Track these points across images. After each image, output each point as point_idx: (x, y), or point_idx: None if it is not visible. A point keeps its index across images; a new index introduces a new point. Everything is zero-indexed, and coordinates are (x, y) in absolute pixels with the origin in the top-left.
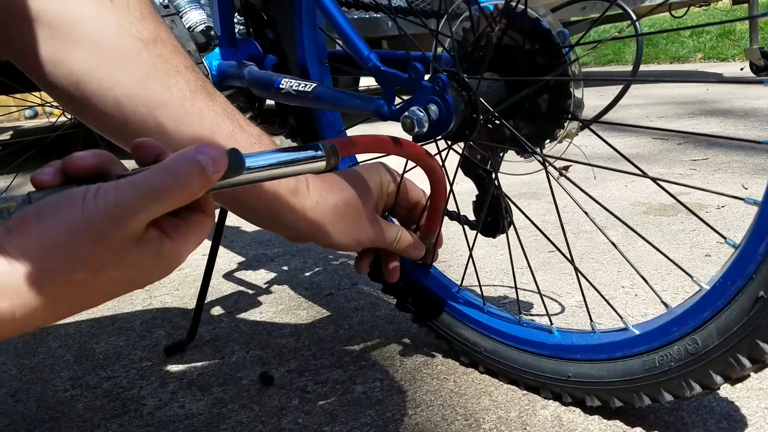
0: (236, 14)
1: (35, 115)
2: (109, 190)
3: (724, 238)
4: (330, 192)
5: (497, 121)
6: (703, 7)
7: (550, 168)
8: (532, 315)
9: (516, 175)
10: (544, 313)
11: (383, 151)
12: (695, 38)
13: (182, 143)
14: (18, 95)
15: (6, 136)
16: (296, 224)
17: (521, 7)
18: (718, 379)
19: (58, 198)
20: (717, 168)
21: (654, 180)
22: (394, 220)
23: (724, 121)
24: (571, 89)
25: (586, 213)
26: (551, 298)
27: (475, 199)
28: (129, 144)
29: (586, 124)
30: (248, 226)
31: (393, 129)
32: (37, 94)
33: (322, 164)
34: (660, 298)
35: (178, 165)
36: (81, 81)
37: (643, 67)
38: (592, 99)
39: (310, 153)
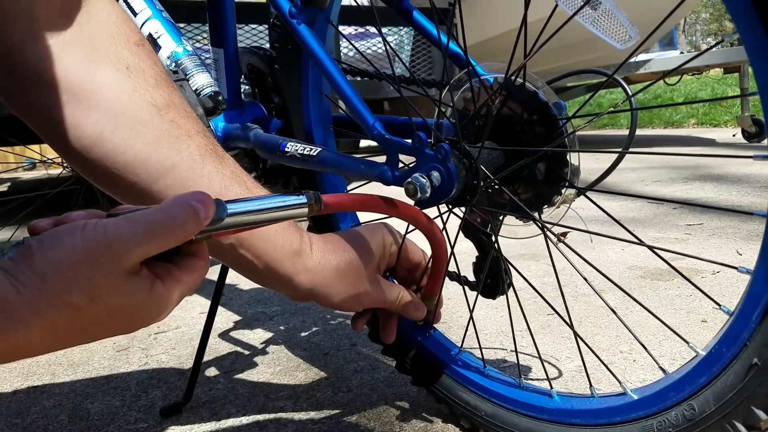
0: (242, 77)
1: (33, 167)
2: (108, 223)
3: (719, 305)
4: (333, 253)
5: (497, 187)
6: (696, 75)
7: (548, 233)
8: (532, 379)
9: (515, 238)
10: (544, 376)
11: (375, 211)
12: (688, 104)
13: None
14: (17, 148)
15: (3, 187)
16: (298, 284)
17: (520, 80)
18: None
19: (61, 228)
20: (712, 233)
21: (649, 248)
22: (394, 280)
23: (717, 187)
24: (568, 158)
25: (585, 278)
26: (550, 363)
27: (475, 260)
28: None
29: (582, 192)
30: (246, 284)
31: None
32: (35, 147)
33: (304, 210)
34: (657, 364)
35: (174, 206)
36: (95, 144)
37: (638, 132)
38: (590, 162)
39: (293, 199)
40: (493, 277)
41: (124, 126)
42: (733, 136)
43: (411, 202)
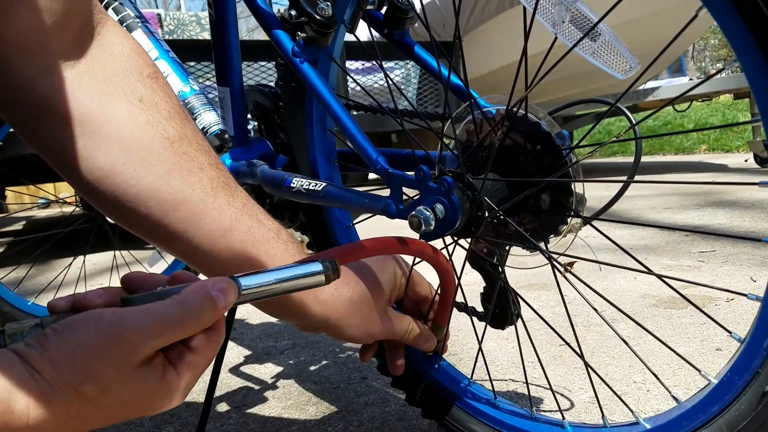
0: (249, 115)
1: (48, 205)
2: (124, 315)
3: (729, 332)
4: (345, 285)
5: (502, 218)
6: (705, 101)
7: (555, 263)
8: (544, 410)
9: (522, 269)
10: (557, 407)
11: (390, 252)
12: (698, 131)
13: (202, 237)
14: (31, 187)
15: (19, 226)
16: (310, 316)
17: (522, 111)
18: None
19: (77, 317)
20: (725, 260)
21: (658, 276)
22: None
23: (730, 213)
24: (573, 188)
25: (595, 309)
26: (562, 395)
27: (482, 290)
28: (148, 236)
29: (588, 221)
30: (256, 318)
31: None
32: (49, 186)
33: (321, 278)
34: (670, 393)
35: (193, 299)
36: (107, 176)
37: (648, 159)
38: (599, 190)
39: (309, 269)
40: (501, 308)
41: (136, 158)
42: (746, 161)
43: (416, 235)
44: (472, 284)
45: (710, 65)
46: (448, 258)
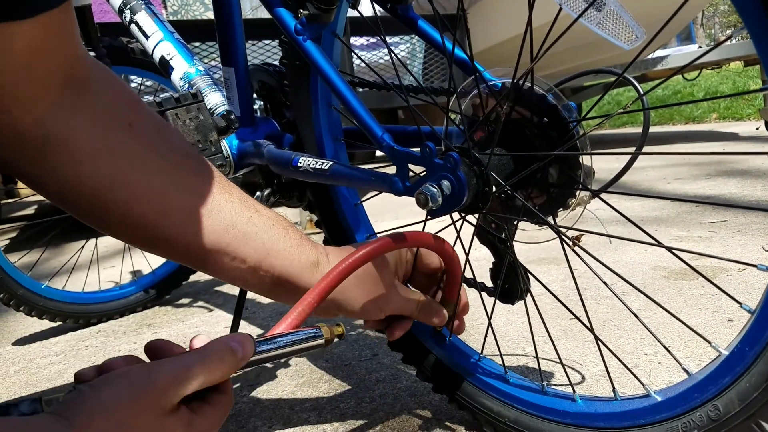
0: (254, 95)
1: None
2: (152, 365)
3: (740, 303)
4: None
5: (510, 193)
6: (715, 69)
7: (563, 237)
8: (555, 384)
9: (530, 243)
10: (567, 381)
11: (389, 251)
12: (705, 101)
13: (207, 237)
14: None
15: (31, 210)
16: None
17: (528, 84)
18: None
19: (109, 374)
20: (737, 230)
21: (668, 249)
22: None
23: (742, 182)
24: (581, 160)
25: (605, 283)
26: (573, 369)
27: (491, 266)
28: (151, 248)
29: (596, 194)
30: (267, 298)
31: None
32: None
33: (322, 341)
34: (680, 365)
35: (216, 349)
36: (107, 202)
37: (658, 129)
38: (609, 162)
39: (311, 334)
40: (510, 283)
41: (134, 182)
42: (756, 129)
43: (421, 213)
44: (481, 260)
45: (720, 32)
46: (451, 241)
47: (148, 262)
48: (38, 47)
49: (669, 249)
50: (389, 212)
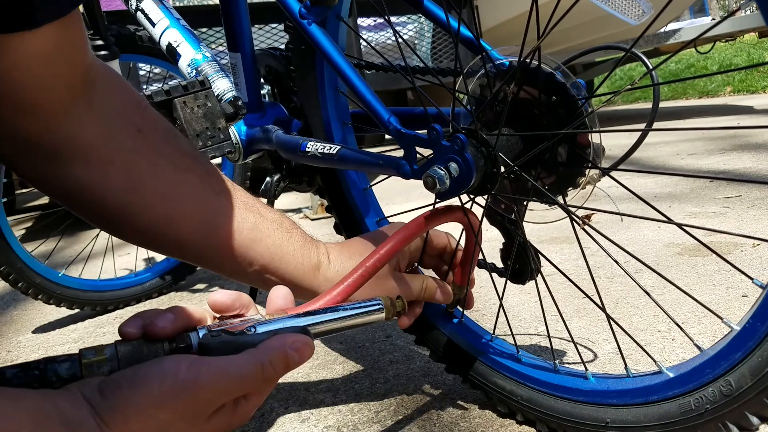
0: (261, 80)
1: None
2: (201, 373)
3: (752, 278)
4: (349, 259)
5: (519, 173)
6: (729, 41)
7: (573, 216)
8: (568, 362)
9: (540, 223)
10: (580, 359)
11: (421, 233)
12: (715, 75)
13: (214, 241)
14: None
15: (45, 199)
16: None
17: (535, 62)
18: (755, 420)
19: (152, 370)
20: (751, 204)
21: (679, 226)
22: (423, 270)
23: (756, 156)
24: (590, 138)
25: (616, 261)
26: (586, 347)
27: (502, 246)
28: (158, 249)
29: (606, 172)
30: None
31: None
32: None
33: (382, 315)
34: (692, 341)
35: (271, 358)
36: (118, 205)
37: (672, 103)
38: (621, 139)
39: (372, 306)
40: (520, 263)
41: (143, 186)
42: None
43: (431, 195)
44: (492, 240)
45: (734, 3)
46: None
47: None
48: (50, 56)
49: (680, 226)
50: (400, 195)
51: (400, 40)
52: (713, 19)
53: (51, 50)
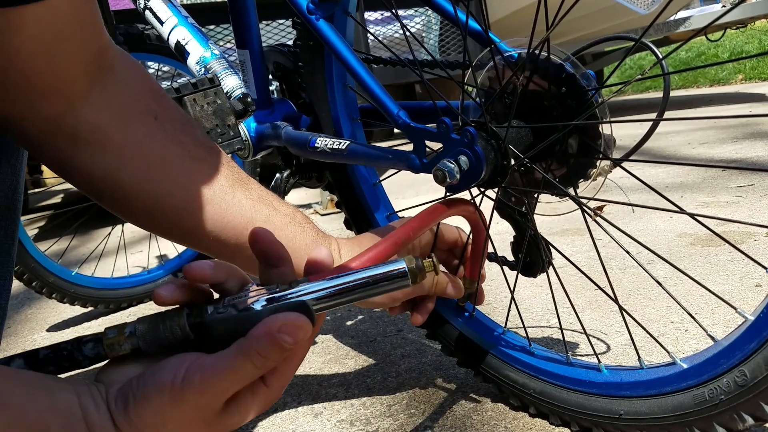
0: (270, 76)
1: None
2: (194, 379)
3: (765, 268)
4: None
5: (529, 165)
6: (740, 29)
7: (584, 208)
8: (581, 355)
9: (551, 215)
10: (593, 351)
11: (435, 222)
12: (724, 63)
13: (227, 233)
14: None
15: (57, 199)
16: None
17: (544, 53)
18: None
19: (153, 380)
20: (764, 193)
21: (691, 216)
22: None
23: None
24: (600, 129)
25: (628, 252)
26: (599, 339)
27: (513, 239)
28: (174, 238)
29: (617, 163)
30: None
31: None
32: None
33: (407, 282)
34: (706, 332)
35: (258, 348)
36: (132, 193)
37: (683, 92)
38: (632, 129)
39: (394, 271)
40: (532, 256)
41: (159, 173)
42: None
43: (441, 189)
44: (503, 233)
45: None
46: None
47: (174, 246)
48: (56, 34)
49: (692, 216)
50: (410, 189)
51: (407, 33)
52: (723, 6)
53: (56, 27)
